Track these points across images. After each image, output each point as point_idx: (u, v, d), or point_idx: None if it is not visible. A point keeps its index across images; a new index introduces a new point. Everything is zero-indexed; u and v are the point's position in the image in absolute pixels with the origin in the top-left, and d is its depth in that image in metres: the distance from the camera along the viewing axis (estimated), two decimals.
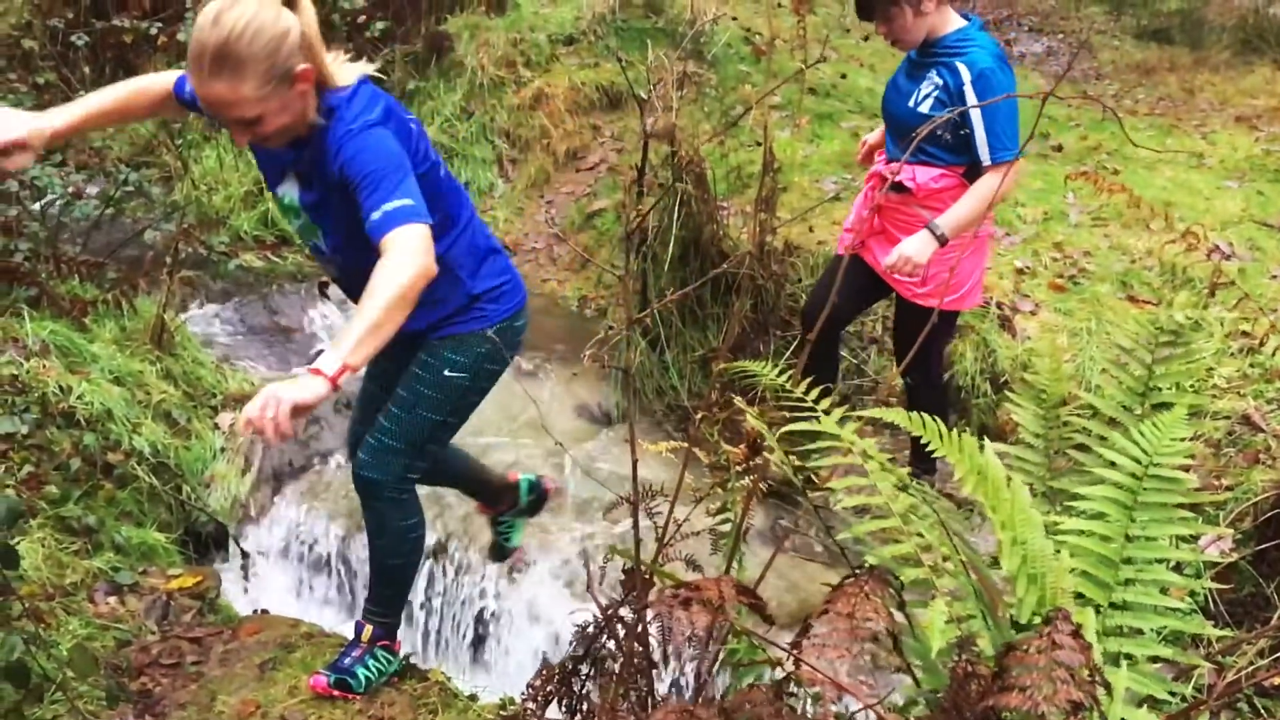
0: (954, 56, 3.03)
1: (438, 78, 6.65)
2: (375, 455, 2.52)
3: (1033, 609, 1.26)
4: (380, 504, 2.57)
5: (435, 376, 2.49)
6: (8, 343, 3.47)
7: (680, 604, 1.19)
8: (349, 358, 2.00)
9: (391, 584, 2.70)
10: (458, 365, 2.50)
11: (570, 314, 5.30)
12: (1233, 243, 4.56)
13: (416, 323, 2.38)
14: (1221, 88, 7.76)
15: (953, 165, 3.07)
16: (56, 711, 2.51)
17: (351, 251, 2.36)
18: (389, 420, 2.51)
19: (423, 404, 2.50)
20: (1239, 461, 3.09)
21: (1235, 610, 2.68)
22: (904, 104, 3.13)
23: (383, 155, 2.18)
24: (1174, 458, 1.58)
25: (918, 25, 3.04)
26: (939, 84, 3.04)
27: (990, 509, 1.32)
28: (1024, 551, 1.29)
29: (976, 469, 1.32)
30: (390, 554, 2.64)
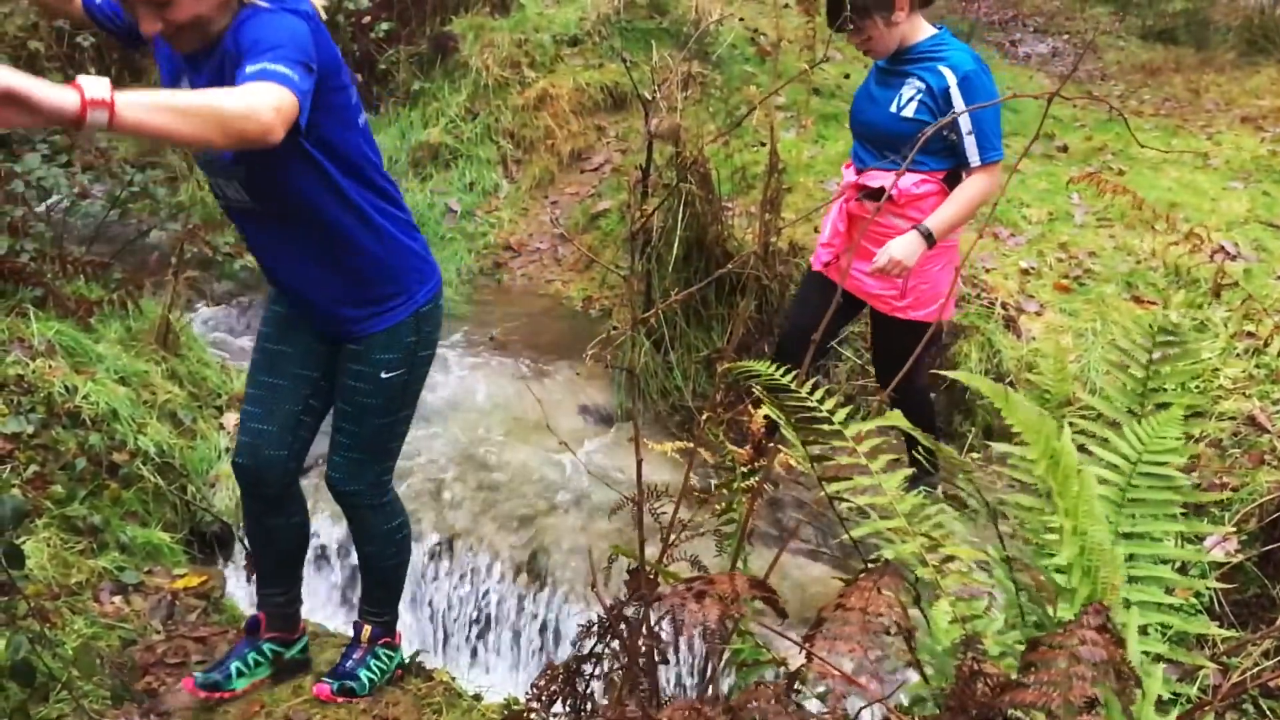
0: (933, 61, 3.01)
1: (442, 78, 6.66)
2: (345, 469, 2.50)
3: (1083, 602, 1.25)
4: (362, 511, 2.57)
5: (372, 384, 2.42)
6: (14, 343, 3.48)
7: (694, 597, 1.19)
8: (120, 101, 1.58)
9: (384, 585, 2.71)
10: (391, 364, 2.41)
11: (574, 314, 5.30)
12: (1238, 243, 4.55)
13: (334, 306, 2.34)
14: (1227, 88, 7.75)
15: (935, 170, 3.04)
16: (62, 710, 2.51)
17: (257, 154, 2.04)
18: (345, 435, 2.47)
19: (370, 413, 2.44)
20: (1244, 462, 3.08)
21: (1240, 611, 2.67)
22: (882, 111, 3.09)
23: (285, 33, 1.95)
24: (1169, 455, 1.58)
25: (890, 35, 3.02)
26: (922, 87, 3.00)
27: (1057, 495, 1.31)
28: (1083, 542, 1.28)
29: (1050, 453, 1.31)
30: (380, 558, 2.65)
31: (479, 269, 5.83)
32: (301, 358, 2.48)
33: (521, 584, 3.37)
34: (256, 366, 2.52)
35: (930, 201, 3.05)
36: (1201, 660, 1.61)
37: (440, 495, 3.69)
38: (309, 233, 2.28)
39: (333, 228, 2.27)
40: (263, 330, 2.54)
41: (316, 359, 2.49)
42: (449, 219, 6.07)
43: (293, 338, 2.48)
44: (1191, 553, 1.80)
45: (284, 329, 2.49)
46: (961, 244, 3.26)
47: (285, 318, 2.49)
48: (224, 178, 2.21)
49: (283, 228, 2.29)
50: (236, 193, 2.22)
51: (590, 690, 1.82)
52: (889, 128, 3.05)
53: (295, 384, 2.49)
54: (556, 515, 3.59)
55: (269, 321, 2.52)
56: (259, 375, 2.51)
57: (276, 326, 2.50)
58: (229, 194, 2.26)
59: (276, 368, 2.49)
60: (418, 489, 3.72)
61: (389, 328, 2.39)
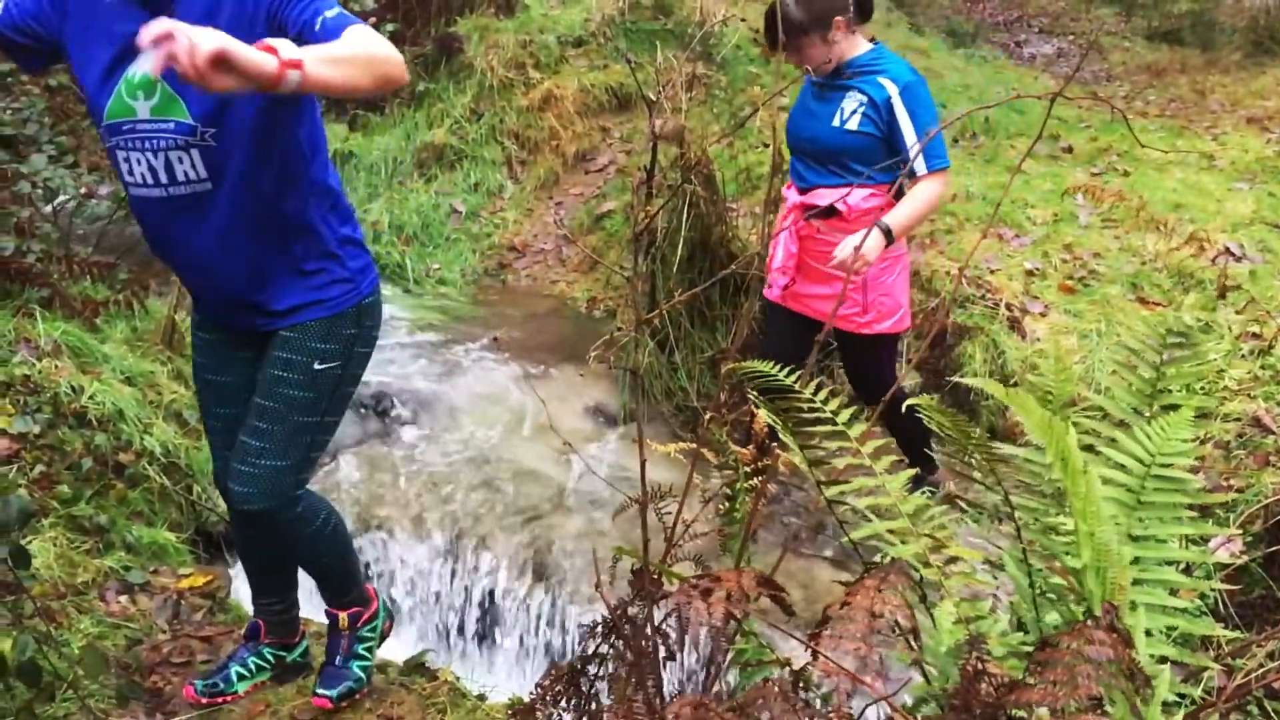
0: (871, 74, 3.01)
1: (447, 79, 6.67)
2: (257, 482, 2.23)
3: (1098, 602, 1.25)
4: (281, 527, 2.35)
5: (303, 374, 2.22)
6: (20, 343, 3.49)
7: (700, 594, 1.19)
8: (308, 59, 1.69)
9: (334, 573, 2.58)
10: (328, 355, 2.24)
11: (579, 315, 5.30)
12: (1243, 244, 4.55)
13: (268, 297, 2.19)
14: (1232, 89, 7.75)
15: (882, 184, 3.04)
16: (68, 710, 2.52)
17: (231, 114, 1.99)
18: (260, 438, 2.22)
19: (296, 408, 2.23)
20: (1249, 464, 3.08)
21: (1245, 612, 2.67)
22: (824, 125, 3.07)
23: None
24: (1179, 458, 1.58)
25: (828, 53, 3.03)
26: (864, 100, 3.00)
27: (1071, 496, 1.32)
28: (1094, 544, 1.29)
29: (1061, 455, 1.31)
30: (318, 559, 2.51)
31: (483, 270, 5.84)
32: (245, 382, 2.32)
33: (526, 584, 3.37)
34: (205, 398, 2.41)
35: (879, 215, 3.02)
36: (1206, 661, 1.61)
37: (445, 495, 3.69)
38: (261, 212, 2.13)
39: (290, 205, 2.15)
40: (198, 360, 2.41)
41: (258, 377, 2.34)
42: (454, 220, 6.08)
43: (230, 366, 2.35)
44: (1197, 554, 1.80)
45: (219, 358, 2.36)
46: (965, 244, 3.26)
47: (215, 344, 2.36)
48: (174, 150, 2.02)
49: (231, 208, 2.10)
50: (186, 171, 2.04)
51: (595, 690, 1.83)
52: (832, 141, 3.05)
53: (248, 409, 2.33)
54: (561, 515, 3.59)
55: (202, 350, 2.39)
56: (211, 408, 2.41)
57: (211, 356, 2.37)
58: (172, 174, 2.05)
59: (224, 398, 2.37)
60: (423, 489, 3.72)
61: (329, 316, 2.25)
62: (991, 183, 5.30)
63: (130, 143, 2.05)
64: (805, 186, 3.17)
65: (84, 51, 2.07)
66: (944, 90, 7.52)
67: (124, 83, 2.01)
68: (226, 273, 2.18)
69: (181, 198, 2.09)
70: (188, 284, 2.33)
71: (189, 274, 2.26)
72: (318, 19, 1.90)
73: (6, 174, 4.07)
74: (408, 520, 3.57)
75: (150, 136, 2.03)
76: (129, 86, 2.01)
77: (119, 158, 2.10)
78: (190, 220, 2.12)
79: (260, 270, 2.19)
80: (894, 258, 3.13)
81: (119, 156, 2.09)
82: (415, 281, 5.60)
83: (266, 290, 2.21)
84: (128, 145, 2.06)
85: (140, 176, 2.08)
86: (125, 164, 2.09)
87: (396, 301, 5.33)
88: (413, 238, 5.89)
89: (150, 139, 2.03)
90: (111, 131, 2.07)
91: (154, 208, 2.12)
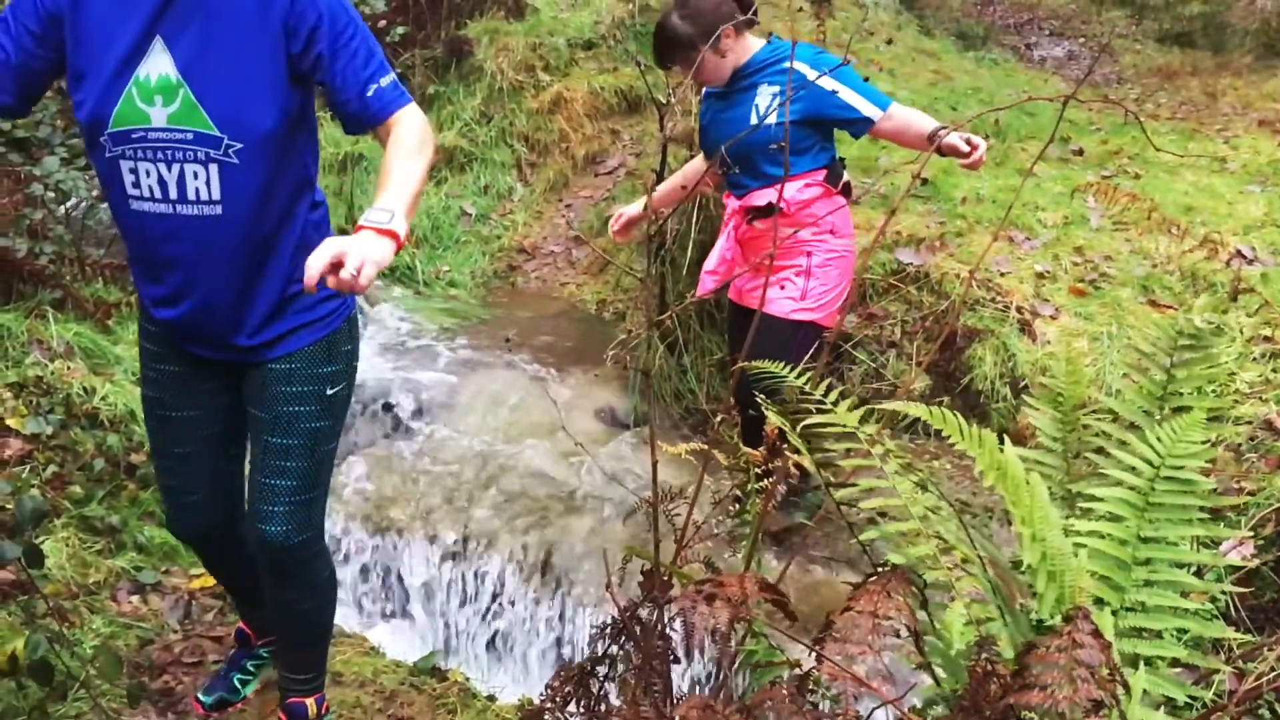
0: (775, 64, 2.96)
1: (457, 82, 6.69)
2: (293, 518, 2.15)
3: (1052, 606, 1.27)
4: (306, 564, 2.26)
5: (319, 403, 2.13)
6: (33, 344, 3.51)
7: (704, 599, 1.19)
8: (402, 216, 1.81)
9: (323, 639, 2.46)
10: (336, 377, 2.15)
11: (588, 318, 5.31)
12: (1255, 247, 4.53)
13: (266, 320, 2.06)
14: (1244, 92, 7.72)
15: (814, 170, 3.01)
16: (80, 709, 2.53)
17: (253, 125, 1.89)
18: (288, 476, 2.12)
19: (319, 439, 2.15)
20: (1261, 467, 3.07)
21: (1256, 616, 2.66)
22: (741, 128, 3.00)
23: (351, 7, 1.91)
24: (1190, 460, 1.58)
25: (723, 64, 2.98)
26: (776, 91, 2.95)
27: (1010, 504, 1.33)
28: (1043, 548, 1.30)
29: (996, 465, 1.32)
30: (321, 611, 2.38)
31: (493, 272, 5.85)
32: (209, 417, 2.20)
33: (536, 585, 3.37)
34: (160, 437, 2.22)
35: (819, 204, 3.02)
36: (1217, 664, 1.60)
37: (455, 497, 3.70)
38: (269, 234, 2.02)
39: (298, 223, 2.06)
40: (152, 396, 2.20)
41: (223, 411, 2.21)
42: (464, 222, 6.09)
43: (194, 398, 2.18)
44: (1208, 557, 1.79)
45: (182, 391, 2.17)
46: (976, 246, 3.25)
47: (178, 376, 2.17)
48: (192, 164, 1.90)
49: (241, 233, 1.98)
50: (199, 189, 1.91)
51: (604, 691, 1.83)
52: (754, 140, 2.96)
53: (208, 445, 2.22)
54: (571, 517, 3.60)
55: (160, 384, 2.18)
56: (168, 448, 2.21)
57: (172, 389, 2.18)
58: (184, 190, 1.92)
59: (183, 436, 2.20)
60: (433, 490, 3.73)
61: (325, 337, 2.14)
62: (1002, 185, 5.29)
63: (140, 152, 1.90)
64: (742, 192, 3.13)
65: (84, 53, 1.89)
66: (954, 93, 7.51)
67: (136, 86, 1.86)
68: (221, 299, 2.04)
69: (187, 219, 1.95)
70: (165, 307, 2.08)
71: (175, 297, 2.06)
72: (371, 87, 1.90)
73: (20, 176, 4.09)
74: (417, 521, 3.58)
75: (166, 146, 1.89)
76: (144, 90, 1.86)
77: (122, 168, 1.93)
78: (191, 243, 1.98)
79: (256, 295, 2.06)
80: (846, 251, 3.10)
81: (123, 167, 1.93)
82: (425, 283, 5.61)
83: (259, 315, 2.08)
84: (136, 155, 1.91)
85: (147, 189, 1.93)
86: (130, 175, 1.93)
87: (406, 304, 5.34)
88: (423, 240, 5.90)
89: (165, 149, 1.89)
90: (118, 140, 1.90)
91: (153, 224, 1.97)
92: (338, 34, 1.88)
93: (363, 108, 1.92)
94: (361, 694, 2.72)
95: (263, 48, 1.87)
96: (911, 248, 4.58)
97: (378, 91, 1.91)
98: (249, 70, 1.87)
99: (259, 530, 2.15)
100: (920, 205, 4.97)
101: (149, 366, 2.19)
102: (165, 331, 2.13)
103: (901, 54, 8.29)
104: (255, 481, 2.15)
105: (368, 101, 1.91)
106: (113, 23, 1.86)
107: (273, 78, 1.89)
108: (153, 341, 2.18)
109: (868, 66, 7.43)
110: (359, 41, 1.91)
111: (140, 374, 2.24)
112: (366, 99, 1.91)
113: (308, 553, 2.22)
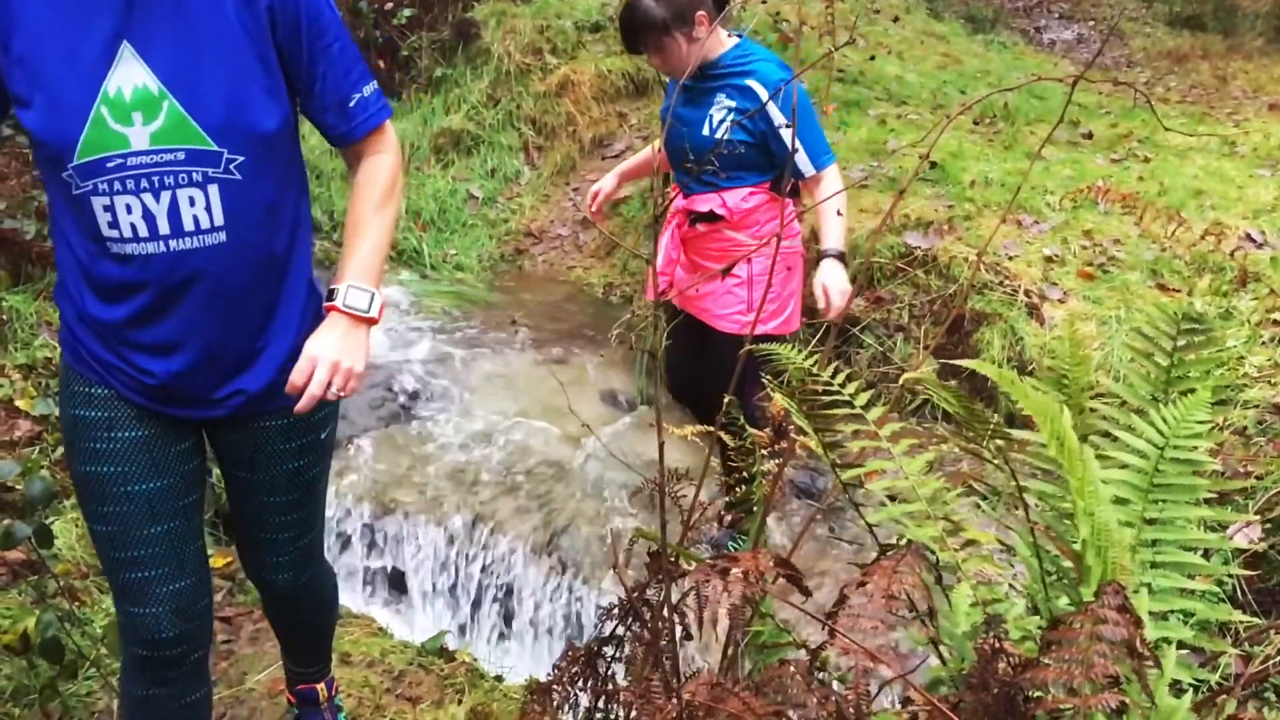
0: (738, 76, 2.88)
1: (464, 65, 6.68)
2: (299, 565, 2.06)
3: (1098, 581, 1.26)
4: (316, 591, 2.19)
5: (317, 454, 1.96)
6: (42, 326, 3.52)
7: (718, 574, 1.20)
8: (375, 279, 1.75)
9: (330, 634, 2.40)
10: (327, 420, 1.95)
11: (595, 301, 5.31)
12: (1264, 231, 4.51)
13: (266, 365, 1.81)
14: (1254, 75, 7.68)
15: (758, 183, 2.96)
16: (90, 687, 2.55)
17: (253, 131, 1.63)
18: (294, 528, 2.00)
19: (319, 484, 2.02)
20: (1269, 450, 3.07)
21: (1263, 599, 2.66)
22: (695, 133, 2.94)
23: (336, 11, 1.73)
24: (1195, 440, 1.58)
25: (692, 53, 2.87)
26: (731, 106, 2.87)
27: (1067, 475, 1.32)
28: (1093, 523, 1.29)
29: (1057, 434, 1.31)
30: (327, 617, 2.31)
31: (500, 255, 5.85)
32: (182, 484, 1.83)
33: (543, 566, 3.39)
34: (130, 520, 1.77)
35: (763, 211, 2.97)
36: (1224, 646, 1.61)
37: (462, 479, 3.71)
38: (284, 250, 1.79)
39: (305, 237, 1.87)
40: (107, 472, 1.76)
41: (194, 475, 1.88)
42: (471, 205, 6.09)
43: (165, 464, 1.80)
44: (1215, 539, 1.79)
45: (147, 459, 1.78)
46: (984, 230, 3.24)
47: (144, 443, 1.78)
48: (186, 189, 1.59)
49: (253, 254, 1.72)
50: (197, 216, 1.62)
51: (611, 671, 1.84)
52: (702, 150, 2.91)
53: (187, 517, 1.85)
54: (578, 498, 3.61)
55: (116, 457, 1.76)
56: (140, 529, 1.78)
57: (135, 460, 1.78)
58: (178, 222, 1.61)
59: (159, 511, 1.79)
60: (440, 472, 3.74)
61: None
62: (1010, 169, 5.27)
63: (119, 184, 1.56)
64: (687, 192, 3.08)
65: (27, 73, 1.54)
66: (963, 76, 7.48)
67: (106, 104, 1.53)
68: (229, 343, 1.77)
69: (184, 255, 1.63)
70: (154, 361, 1.74)
71: (167, 349, 1.73)
72: (354, 96, 1.75)
73: (27, 158, 4.10)
74: (425, 503, 3.60)
75: (152, 173, 1.57)
76: (117, 108, 1.54)
77: (94, 206, 1.58)
78: (191, 282, 1.67)
79: (272, 331, 1.81)
80: (790, 253, 3.04)
81: (95, 205, 1.58)
82: (432, 267, 5.61)
83: (277, 354, 1.82)
84: (113, 188, 1.57)
85: (130, 228, 1.59)
86: (106, 214, 1.58)
87: (413, 286, 5.34)
88: (430, 223, 5.90)
89: (151, 176, 1.57)
90: (88, 172, 1.55)
91: (140, 270, 1.64)
92: (322, 31, 1.68)
93: (342, 118, 1.76)
94: (370, 674, 2.73)
95: (253, 40, 1.62)
96: (919, 231, 4.57)
97: (361, 102, 1.76)
98: (243, 69, 1.61)
99: (265, 579, 2.09)
100: (928, 188, 4.96)
101: (96, 439, 1.76)
102: (142, 393, 1.77)
103: (910, 37, 8.25)
104: (252, 536, 2.02)
105: (350, 112, 1.75)
106: (61, 31, 1.52)
107: (268, 74, 1.64)
108: (99, 408, 1.77)
109: (876, 49, 7.40)
110: (343, 43, 1.72)
111: (76, 451, 1.79)
112: (349, 109, 1.75)
113: (315, 583, 2.16)
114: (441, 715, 2.61)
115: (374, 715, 2.59)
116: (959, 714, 1.14)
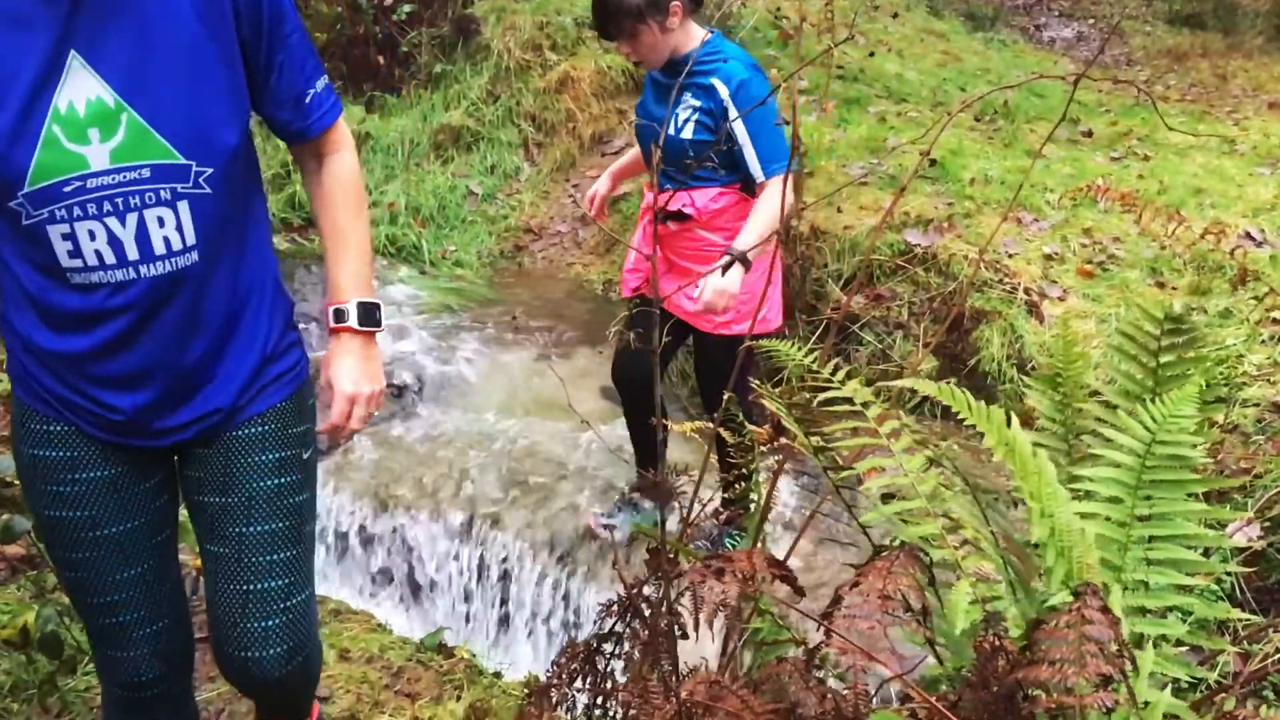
0: (706, 75, 2.84)
1: (464, 61, 6.67)
2: (292, 636, 1.71)
3: (1061, 581, 1.27)
4: (307, 686, 1.87)
5: (300, 471, 1.74)
6: None
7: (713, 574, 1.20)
8: (366, 290, 1.73)
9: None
10: (307, 437, 1.77)
11: (595, 297, 5.31)
12: (1264, 229, 4.52)
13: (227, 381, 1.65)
14: (1255, 74, 7.68)
15: (729, 183, 2.93)
16: (89, 682, 2.55)
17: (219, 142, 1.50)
18: (281, 574, 1.69)
19: (305, 516, 1.76)
20: (1268, 449, 3.07)
21: (1262, 597, 2.67)
22: (666, 131, 2.89)
23: None
24: (1184, 435, 1.58)
25: (664, 42, 2.85)
26: (696, 105, 2.85)
27: (1019, 479, 1.33)
28: (1052, 524, 1.30)
29: (1004, 441, 1.32)
30: (312, 695, 1.99)
31: (499, 252, 5.85)
32: (154, 521, 1.72)
33: (541, 563, 3.39)
34: (94, 569, 1.66)
35: (731, 213, 2.95)
36: (1222, 643, 1.61)
37: (461, 475, 3.71)
38: (254, 269, 1.67)
39: (269, 250, 1.73)
40: (73, 517, 1.64)
41: (165, 510, 1.76)
42: (470, 202, 6.09)
43: (133, 503, 1.68)
44: (1213, 537, 1.79)
45: (115, 500, 1.66)
46: (984, 227, 3.24)
47: (110, 483, 1.65)
48: (154, 208, 1.46)
49: (227, 275, 1.60)
50: (168, 237, 1.49)
51: (610, 668, 1.84)
52: (670, 147, 2.88)
53: (160, 555, 1.75)
54: (576, 495, 3.61)
55: (82, 501, 1.64)
56: (113, 575, 1.67)
57: (102, 503, 1.65)
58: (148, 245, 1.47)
59: (132, 553, 1.68)
60: (440, 469, 3.74)
61: (297, 390, 1.75)
62: (1010, 166, 5.27)
63: (78, 210, 1.42)
64: (660, 188, 3.04)
65: None
66: (963, 74, 7.47)
67: (57, 122, 1.38)
68: (200, 367, 1.63)
69: (155, 280, 1.50)
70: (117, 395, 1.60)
71: (132, 381, 1.59)
72: (309, 92, 1.63)
73: None
74: (424, 500, 3.60)
75: (115, 194, 1.43)
76: (70, 125, 1.39)
77: (51, 236, 1.43)
78: (161, 308, 1.54)
79: (241, 352, 1.67)
80: (761, 257, 2.99)
81: (52, 234, 1.42)
82: (431, 263, 5.61)
83: (243, 376, 1.68)
84: (72, 214, 1.42)
85: (93, 256, 1.45)
86: (65, 243, 1.44)
87: (413, 283, 5.34)
88: (429, 219, 5.90)
89: (114, 198, 1.43)
90: (41, 200, 1.40)
91: (105, 300, 1.50)
92: (282, 18, 1.55)
93: (298, 115, 1.63)
94: (369, 670, 2.73)
95: (213, 36, 1.47)
96: (919, 229, 4.57)
97: (315, 98, 1.64)
98: (204, 70, 1.47)
99: (245, 659, 1.69)
100: (928, 186, 4.96)
101: (59, 482, 1.64)
102: (100, 427, 1.62)
103: (910, 34, 8.25)
104: (231, 594, 1.68)
105: (305, 109, 1.63)
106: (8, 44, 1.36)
107: (232, 76, 1.51)
108: (59, 446, 1.63)
109: (875, 46, 7.40)
110: (300, 34, 1.59)
111: (37, 494, 1.67)
112: (304, 105, 1.63)
113: (308, 676, 1.80)
114: (440, 711, 2.61)
115: (372, 711, 2.59)
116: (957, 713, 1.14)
